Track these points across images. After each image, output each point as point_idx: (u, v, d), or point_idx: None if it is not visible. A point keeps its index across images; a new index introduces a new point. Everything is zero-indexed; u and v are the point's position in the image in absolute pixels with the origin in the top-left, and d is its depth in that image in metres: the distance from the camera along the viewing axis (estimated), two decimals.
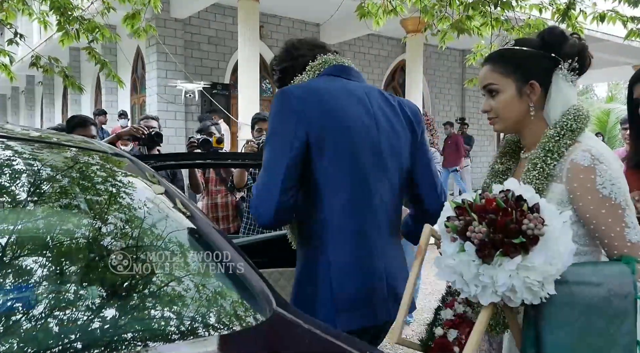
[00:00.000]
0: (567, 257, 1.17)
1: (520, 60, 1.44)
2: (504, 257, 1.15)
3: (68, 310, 0.89)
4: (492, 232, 1.15)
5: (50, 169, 1.18)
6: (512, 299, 1.17)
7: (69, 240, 1.03)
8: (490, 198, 1.19)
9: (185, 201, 1.26)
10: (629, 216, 1.29)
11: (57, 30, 4.66)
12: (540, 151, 1.37)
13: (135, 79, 12.00)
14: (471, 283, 1.19)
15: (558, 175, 1.35)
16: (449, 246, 1.23)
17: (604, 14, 4.97)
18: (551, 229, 1.16)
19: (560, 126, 1.38)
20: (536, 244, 1.15)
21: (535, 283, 1.14)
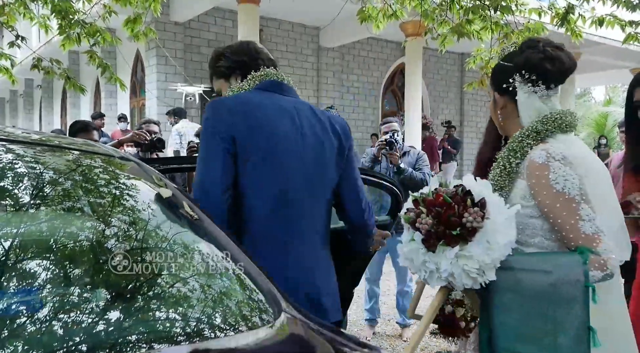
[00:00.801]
0: (505, 248, 1.29)
1: (495, 74, 1.62)
2: (446, 246, 1.30)
3: (81, 313, 0.89)
4: (436, 224, 1.30)
5: (57, 172, 1.18)
6: (455, 284, 1.32)
7: (80, 244, 1.03)
8: (439, 194, 1.33)
9: (192, 204, 1.27)
10: (584, 209, 1.36)
11: (59, 34, 4.66)
12: (505, 151, 1.50)
13: (134, 82, 12.01)
14: (420, 268, 1.36)
15: (521, 172, 1.45)
16: (404, 235, 1.42)
17: (603, 18, 4.99)
18: (492, 223, 1.29)
19: (526, 129, 1.50)
20: (474, 236, 1.29)
21: (473, 271, 1.28)
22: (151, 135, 4.10)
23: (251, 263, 1.13)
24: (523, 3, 5.05)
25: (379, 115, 13.15)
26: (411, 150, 4.15)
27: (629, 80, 8.96)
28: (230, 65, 1.79)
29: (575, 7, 4.97)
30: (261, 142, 1.56)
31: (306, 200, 1.61)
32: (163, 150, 3.79)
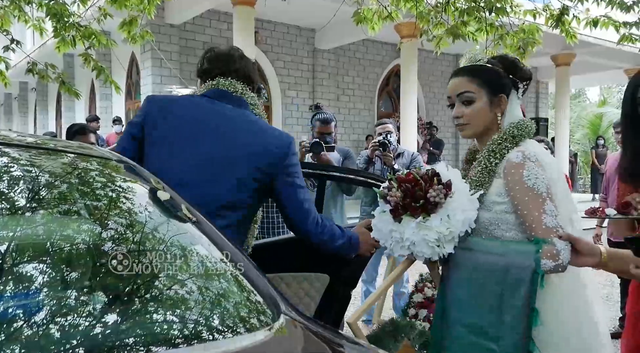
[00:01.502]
0: (462, 224, 1.48)
1: (492, 75, 1.67)
2: (410, 217, 1.49)
3: (79, 317, 0.89)
4: (404, 197, 1.49)
5: (54, 176, 1.18)
6: (416, 253, 1.50)
7: (78, 247, 1.03)
8: (410, 173, 1.53)
9: (190, 207, 1.27)
10: (548, 205, 1.51)
11: (54, 36, 4.65)
12: (486, 152, 1.62)
13: (130, 84, 11.98)
14: (387, 238, 1.56)
15: (498, 172, 1.58)
16: (377, 209, 1.60)
17: (597, 20, 5.02)
18: (454, 201, 1.48)
19: (504, 132, 1.62)
20: (435, 209, 1.47)
21: (432, 241, 1.46)
22: None
23: (250, 265, 1.13)
24: (518, 5, 5.07)
25: (375, 116, 13.17)
26: (405, 151, 4.15)
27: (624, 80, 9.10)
28: (199, 69, 1.96)
29: (569, 9, 5.00)
30: (165, 130, 1.74)
31: (204, 195, 1.67)
32: None
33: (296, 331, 1.03)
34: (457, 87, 1.67)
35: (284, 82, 11.75)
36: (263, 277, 1.14)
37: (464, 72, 1.69)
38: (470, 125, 1.66)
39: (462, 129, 1.68)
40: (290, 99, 11.80)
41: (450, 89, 1.70)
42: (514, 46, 5.04)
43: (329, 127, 3.74)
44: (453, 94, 1.68)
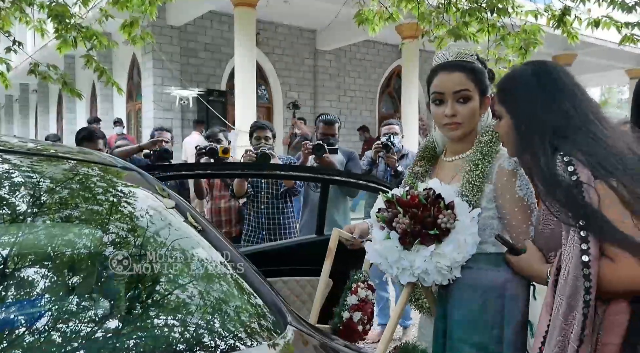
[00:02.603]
0: (471, 247, 1.44)
1: (483, 75, 1.61)
2: (421, 245, 1.42)
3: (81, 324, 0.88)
4: (413, 223, 1.41)
5: (58, 183, 1.17)
6: (425, 280, 1.45)
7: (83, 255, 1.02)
8: (414, 195, 1.45)
9: (196, 215, 1.25)
10: (535, 216, 1.49)
11: (55, 37, 4.64)
12: (479, 154, 1.54)
13: (130, 86, 11.99)
14: (394, 265, 1.47)
15: (489, 176, 1.53)
16: (377, 233, 1.51)
17: (599, 20, 5.00)
18: (461, 223, 1.42)
19: (491, 134, 1.57)
20: (447, 235, 1.42)
21: (445, 268, 1.42)
22: (162, 143, 4.13)
23: (256, 275, 1.11)
24: (519, 5, 5.05)
25: (376, 117, 13.16)
26: (410, 153, 4.12)
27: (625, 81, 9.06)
28: None
29: (571, 9, 4.99)
30: None
31: None
32: (171, 160, 3.81)
33: (303, 342, 1.02)
34: (454, 84, 1.55)
35: (285, 83, 11.75)
36: (268, 286, 1.13)
37: (459, 68, 1.56)
38: (463, 125, 1.56)
39: (455, 129, 1.57)
40: (291, 100, 11.80)
41: (442, 84, 1.57)
42: (515, 46, 5.03)
43: (332, 129, 3.72)
44: (448, 90, 1.55)
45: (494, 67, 5.26)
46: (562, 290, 1.17)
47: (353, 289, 1.89)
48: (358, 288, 1.87)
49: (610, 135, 1.25)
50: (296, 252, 2.49)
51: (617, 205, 1.15)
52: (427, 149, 1.76)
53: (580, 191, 1.16)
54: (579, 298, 1.13)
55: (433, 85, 1.60)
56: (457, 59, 1.58)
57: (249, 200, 3.61)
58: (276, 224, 3.50)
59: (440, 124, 1.60)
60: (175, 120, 10.37)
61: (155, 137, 4.26)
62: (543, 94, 1.33)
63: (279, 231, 3.50)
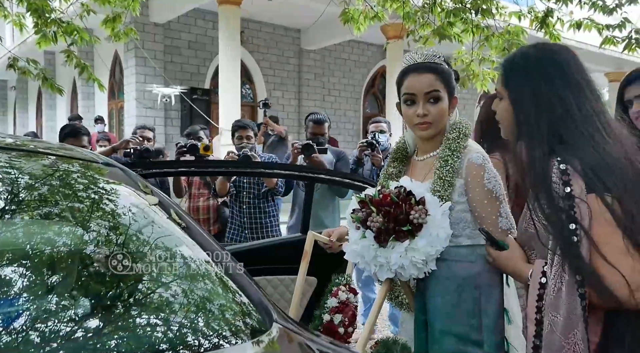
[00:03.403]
0: (444, 240, 1.50)
1: (451, 76, 1.69)
2: (396, 241, 1.47)
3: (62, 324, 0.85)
4: (387, 221, 1.46)
5: (38, 179, 1.13)
6: (402, 275, 1.49)
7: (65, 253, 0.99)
8: (386, 194, 1.50)
9: (180, 212, 1.23)
10: (504, 208, 1.57)
11: (35, 32, 4.55)
12: (447, 151, 1.61)
13: (112, 83, 11.82)
14: (371, 263, 1.52)
15: (458, 171, 1.59)
16: (353, 234, 1.56)
17: (580, 22, 5.08)
18: (432, 218, 1.48)
19: (458, 130, 1.63)
20: (420, 230, 1.47)
21: (420, 262, 1.47)
22: (144, 141, 4.05)
23: (241, 272, 1.09)
24: (503, 7, 5.10)
25: (360, 117, 13.19)
26: None
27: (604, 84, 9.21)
28: None
29: (553, 11, 5.05)
30: None
31: None
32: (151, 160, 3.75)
33: (289, 341, 1.00)
34: (425, 85, 1.61)
35: (269, 82, 11.70)
36: (254, 284, 1.11)
37: (428, 70, 1.63)
38: (434, 125, 1.62)
39: (426, 128, 1.62)
40: (276, 99, 11.76)
41: (413, 85, 1.63)
42: (499, 47, 5.08)
43: (322, 128, 3.70)
44: (419, 91, 1.61)
45: (477, 67, 5.30)
46: (554, 307, 1.13)
47: (334, 292, 1.93)
48: (339, 291, 1.90)
49: (611, 143, 1.20)
50: (280, 250, 2.48)
51: (608, 224, 1.11)
52: (398, 149, 1.82)
53: (571, 205, 1.12)
54: (578, 317, 1.10)
55: (404, 86, 1.66)
56: (426, 61, 1.66)
57: (232, 200, 3.59)
58: (258, 224, 3.49)
59: (411, 124, 1.66)
60: (158, 119, 10.25)
61: (137, 135, 4.20)
62: (546, 85, 1.27)
63: (262, 230, 3.49)
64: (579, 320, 1.10)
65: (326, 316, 1.86)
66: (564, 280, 1.12)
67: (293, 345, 1.01)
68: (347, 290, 1.95)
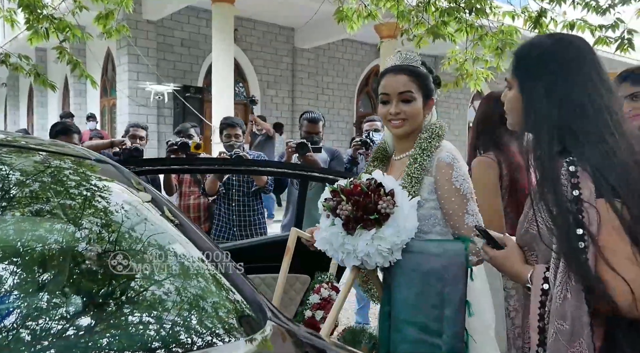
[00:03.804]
0: (410, 231, 1.54)
1: (427, 79, 1.77)
2: (363, 229, 1.52)
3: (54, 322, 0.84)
4: (355, 210, 1.51)
5: (29, 176, 1.12)
6: (368, 262, 1.54)
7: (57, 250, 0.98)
8: (356, 184, 1.56)
9: (174, 209, 1.22)
10: (471, 206, 1.66)
11: (26, 29, 4.51)
12: (418, 149, 1.70)
13: (105, 81, 11.74)
14: (339, 250, 1.56)
15: (429, 170, 1.68)
16: (324, 222, 1.61)
17: (574, 23, 5.10)
18: (400, 209, 1.53)
19: (431, 131, 1.73)
20: (387, 220, 1.51)
21: (385, 250, 1.51)
22: (136, 140, 4.02)
23: (235, 270, 1.09)
24: (497, 6, 5.12)
25: (354, 116, 13.19)
26: None
27: None
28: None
29: (547, 11, 5.07)
30: None
31: None
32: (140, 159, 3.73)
33: (283, 339, 1.00)
34: (399, 86, 1.72)
35: (263, 81, 11.67)
36: (247, 281, 1.10)
37: (404, 71, 1.74)
38: (407, 122, 1.72)
39: (400, 125, 1.72)
40: (269, 97, 11.73)
41: (388, 85, 1.74)
42: (492, 47, 5.10)
43: (316, 127, 3.69)
44: (393, 91, 1.72)
45: (471, 67, 5.32)
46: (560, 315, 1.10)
47: (316, 289, 1.99)
48: (321, 288, 1.96)
49: (621, 144, 1.15)
50: (274, 248, 2.47)
51: (616, 231, 1.08)
52: (379, 149, 1.92)
53: (579, 209, 1.09)
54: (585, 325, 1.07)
55: (380, 86, 1.77)
56: (403, 64, 1.76)
57: (220, 198, 3.59)
58: (247, 221, 3.50)
59: (386, 122, 1.76)
60: (151, 117, 10.19)
61: (130, 133, 4.17)
62: (559, 77, 1.22)
63: (250, 228, 3.49)
64: (585, 328, 1.07)
65: (308, 312, 1.93)
66: (571, 287, 1.09)
67: (287, 344, 1.01)
68: (329, 288, 2.03)
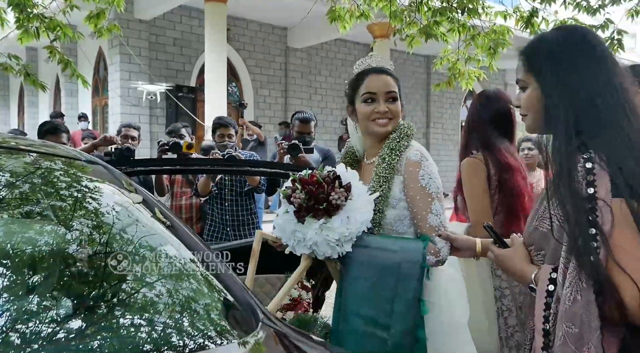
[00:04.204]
0: (361, 225, 1.56)
1: (400, 83, 1.82)
2: (313, 218, 1.55)
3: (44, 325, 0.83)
4: (308, 199, 1.54)
5: (19, 177, 1.11)
6: (317, 252, 1.56)
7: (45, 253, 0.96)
8: (313, 174, 1.59)
9: (165, 210, 1.21)
10: (436, 205, 1.66)
11: (16, 28, 4.47)
12: (387, 149, 1.72)
13: (97, 80, 11.67)
14: (290, 237, 1.60)
15: (399, 169, 1.69)
16: (280, 209, 1.64)
17: (565, 22, 5.13)
18: (352, 202, 1.55)
19: (400, 131, 1.75)
20: (337, 211, 1.54)
21: (333, 241, 1.53)
22: (128, 140, 3.99)
23: (228, 272, 1.08)
24: (489, 6, 5.14)
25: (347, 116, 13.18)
26: None
27: None
28: None
29: (538, 11, 5.09)
30: None
31: None
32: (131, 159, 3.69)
33: (275, 342, 0.99)
34: (387, 85, 1.76)
35: (256, 80, 11.65)
36: (239, 283, 1.10)
37: (388, 73, 1.79)
38: (393, 121, 1.75)
39: (386, 124, 1.74)
40: (262, 97, 11.71)
41: (374, 85, 1.76)
42: (484, 46, 5.12)
43: (308, 127, 3.68)
44: (381, 90, 1.75)
45: (463, 66, 5.33)
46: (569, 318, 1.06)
47: None
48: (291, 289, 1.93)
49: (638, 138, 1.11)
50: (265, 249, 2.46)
51: (631, 231, 1.04)
52: (347, 154, 1.93)
53: (593, 208, 1.05)
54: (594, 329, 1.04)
55: (364, 86, 1.77)
56: (383, 66, 1.80)
57: (213, 198, 3.58)
58: (240, 221, 3.49)
59: (370, 120, 1.76)
60: (143, 116, 10.15)
61: (122, 133, 4.14)
62: (575, 70, 1.18)
63: (244, 228, 3.49)
64: (594, 332, 1.04)
65: (278, 313, 1.91)
66: (581, 288, 1.05)
67: (279, 346, 1.00)
68: (299, 288, 2.06)
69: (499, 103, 2.24)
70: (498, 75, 15.95)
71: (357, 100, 1.80)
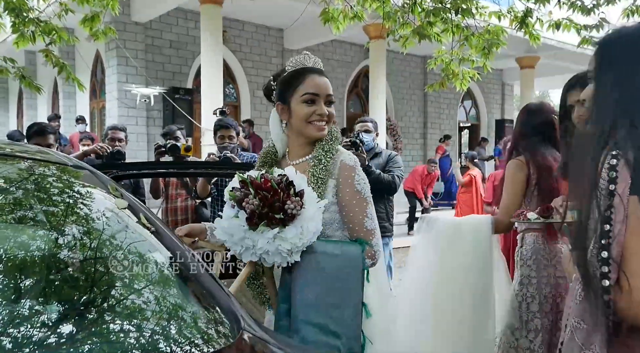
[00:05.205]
0: (313, 234, 1.52)
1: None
2: (266, 227, 1.48)
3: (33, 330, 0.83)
4: (262, 206, 1.47)
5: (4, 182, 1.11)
6: (266, 260, 1.51)
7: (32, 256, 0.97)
8: (267, 179, 1.51)
9: (149, 215, 1.21)
10: (370, 209, 1.67)
11: (12, 32, 4.48)
12: (321, 151, 1.70)
13: (94, 83, 11.67)
14: (238, 243, 1.52)
15: (332, 172, 1.68)
16: (227, 211, 1.56)
17: (559, 22, 5.14)
18: (306, 211, 1.51)
19: (330, 134, 1.73)
20: (292, 221, 1.49)
21: (285, 251, 1.48)
22: (115, 142, 3.99)
23: (210, 277, 1.08)
24: (483, 6, 5.15)
25: (344, 117, 13.19)
26: (383, 151, 4.07)
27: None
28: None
29: (533, 11, 5.10)
30: None
31: None
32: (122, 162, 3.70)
33: (257, 350, 0.99)
34: (328, 88, 1.73)
35: (252, 82, 11.65)
36: (222, 288, 1.10)
37: (323, 74, 1.76)
38: (329, 124, 1.74)
39: (324, 127, 1.72)
40: (259, 99, 11.71)
41: (316, 86, 1.71)
42: (479, 47, 5.13)
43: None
44: (322, 92, 1.71)
45: (457, 67, 5.34)
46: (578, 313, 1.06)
47: None
48: None
49: None
50: None
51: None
52: (268, 154, 1.86)
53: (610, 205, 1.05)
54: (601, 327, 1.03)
55: (306, 85, 1.70)
56: (319, 67, 1.77)
57: (213, 199, 3.57)
58: None
59: (305, 123, 1.71)
60: (140, 119, 10.15)
61: (109, 136, 4.12)
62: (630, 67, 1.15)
63: None
64: (600, 330, 1.03)
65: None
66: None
67: None
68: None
69: (542, 115, 2.51)
70: (495, 75, 15.96)
71: (293, 100, 1.72)
